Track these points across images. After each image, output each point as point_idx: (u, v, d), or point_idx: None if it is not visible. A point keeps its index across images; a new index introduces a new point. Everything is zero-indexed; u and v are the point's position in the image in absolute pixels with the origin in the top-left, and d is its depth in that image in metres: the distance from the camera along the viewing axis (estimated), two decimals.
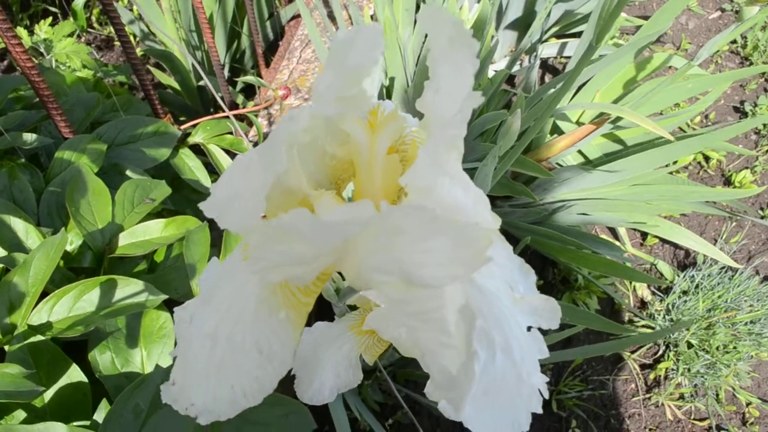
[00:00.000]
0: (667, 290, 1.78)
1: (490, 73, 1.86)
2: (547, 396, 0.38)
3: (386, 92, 1.55)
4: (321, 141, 0.41)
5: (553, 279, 1.77)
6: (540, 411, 0.38)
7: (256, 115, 1.79)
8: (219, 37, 1.97)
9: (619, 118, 1.55)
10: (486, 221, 0.35)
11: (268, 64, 1.92)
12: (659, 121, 1.52)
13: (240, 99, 1.89)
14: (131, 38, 1.63)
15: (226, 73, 1.99)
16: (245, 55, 2.10)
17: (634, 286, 1.79)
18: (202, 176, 1.22)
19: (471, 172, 1.17)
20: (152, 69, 1.93)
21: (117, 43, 2.32)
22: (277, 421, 0.85)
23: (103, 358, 0.84)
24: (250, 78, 1.51)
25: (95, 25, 2.34)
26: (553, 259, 1.57)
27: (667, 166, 1.94)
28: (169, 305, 0.95)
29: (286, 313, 0.39)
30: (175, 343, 0.39)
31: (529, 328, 0.39)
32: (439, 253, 0.28)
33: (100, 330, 0.86)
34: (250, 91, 2.02)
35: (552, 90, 1.40)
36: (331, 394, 0.73)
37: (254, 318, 0.37)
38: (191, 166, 1.23)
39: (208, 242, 0.95)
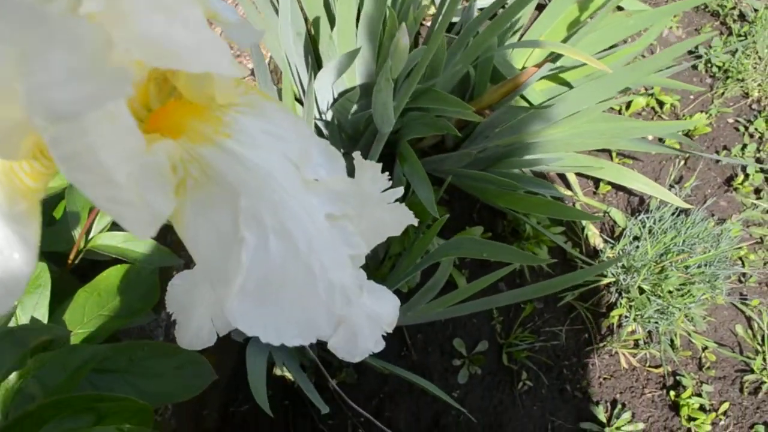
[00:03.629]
0: (620, 238, 1.73)
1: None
2: (358, 294, 0.33)
3: None
4: None
5: (503, 231, 1.71)
6: (347, 311, 0.32)
7: None
8: None
9: (561, 61, 1.50)
10: (219, 66, 0.29)
11: None
12: (602, 58, 1.46)
13: None
14: None
15: None
16: None
17: (586, 235, 1.74)
18: None
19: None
20: None
21: None
22: (171, 372, 0.79)
23: None
24: None
25: None
26: (494, 206, 1.52)
27: (620, 113, 1.89)
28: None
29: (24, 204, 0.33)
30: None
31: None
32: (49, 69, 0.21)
33: None
34: None
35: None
36: (210, 337, 0.67)
37: None
38: None
39: None
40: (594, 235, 1.75)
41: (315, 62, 1.32)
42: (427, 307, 1.24)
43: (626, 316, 1.63)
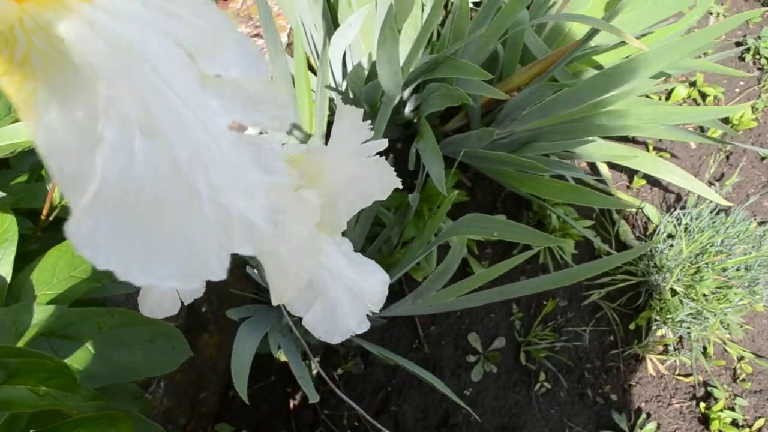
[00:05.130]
0: (654, 236, 1.62)
1: None
2: (267, 227, 0.24)
3: None
4: None
5: (527, 222, 1.62)
6: (246, 250, 0.24)
7: None
8: None
9: (595, 42, 1.39)
10: None
11: None
12: (640, 38, 1.36)
13: None
14: None
15: None
16: None
17: (617, 230, 1.63)
18: None
19: None
20: None
21: None
22: (142, 344, 0.72)
23: None
24: None
25: None
26: (517, 192, 1.42)
27: (660, 100, 1.78)
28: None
29: None
30: None
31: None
32: None
33: None
34: None
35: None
36: (173, 305, 0.61)
37: None
38: None
39: None
40: (626, 232, 1.64)
41: (333, 30, 1.25)
42: (437, 295, 1.15)
43: (656, 319, 1.51)
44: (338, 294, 0.51)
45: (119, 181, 0.21)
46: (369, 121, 0.43)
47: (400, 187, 0.46)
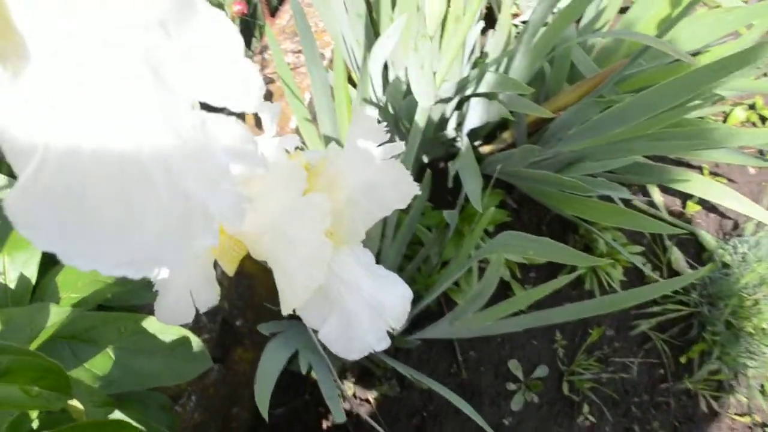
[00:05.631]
0: (709, 264, 1.54)
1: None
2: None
3: None
4: None
5: (574, 246, 1.56)
6: (207, 239, 0.21)
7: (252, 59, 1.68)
8: None
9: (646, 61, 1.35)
10: None
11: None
12: (695, 58, 1.30)
13: None
14: None
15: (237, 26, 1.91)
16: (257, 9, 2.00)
17: (669, 258, 1.56)
18: None
19: None
20: None
21: None
22: (162, 352, 0.71)
23: None
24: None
25: None
26: (561, 214, 1.37)
27: (717, 122, 1.70)
28: None
29: None
30: None
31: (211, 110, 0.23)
32: None
33: None
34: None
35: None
36: (188, 313, 0.59)
37: None
38: None
39: None
40: (678, 259, 1.56)
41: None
42: (475, 318, 1.11)
43: (709, 353, 1.43)
44: (355, 307, 0.48)
45: (63, 159, 0.19)
46: (385, 124, 0.41)
47: (419, 193, 0.44)
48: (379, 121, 0.43)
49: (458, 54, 0.91)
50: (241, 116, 1.64)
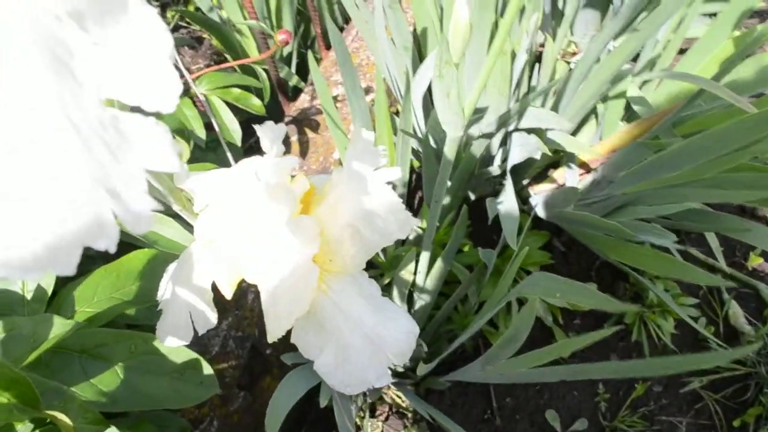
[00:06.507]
0: None
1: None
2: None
3: None
4: None
5: (623, 295, 1.49)
6: (101, 244, 0.19)
7: (304, 90, 1.71)
8: (286, 21, 1.91)
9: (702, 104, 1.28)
10: None
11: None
12: (755, 102, 1.23)
13: (294, 79, 1.80)
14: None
15: (294, 58, 1.93)
16: (315, 42, 2.03)
17: (726, 313, 1.46)
18: (197, 126, 1.13)
19: None
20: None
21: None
22: (171, 374, 0.70)
23: None
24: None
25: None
26: (607, 259, 1.30)
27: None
28: None
29: None
30: None
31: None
32: None
33: None
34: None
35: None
36: (187, 333, 0.58)
37: None
38: (188, 116, 1.13)
39: None
40: (736, 315, 1.46)
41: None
42: (509, 363, 1.06)
43: (766, 418, 1.32)
44: (354, 340, 0.46)
45: None
46: (383, 147, 0.38)
47: (418, 224, 0.41)
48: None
49: (504, 88, 0.88)
50: (287, 143, 1.64)
